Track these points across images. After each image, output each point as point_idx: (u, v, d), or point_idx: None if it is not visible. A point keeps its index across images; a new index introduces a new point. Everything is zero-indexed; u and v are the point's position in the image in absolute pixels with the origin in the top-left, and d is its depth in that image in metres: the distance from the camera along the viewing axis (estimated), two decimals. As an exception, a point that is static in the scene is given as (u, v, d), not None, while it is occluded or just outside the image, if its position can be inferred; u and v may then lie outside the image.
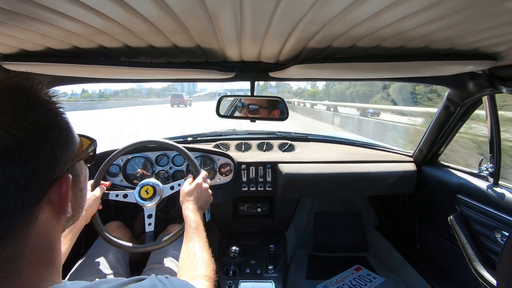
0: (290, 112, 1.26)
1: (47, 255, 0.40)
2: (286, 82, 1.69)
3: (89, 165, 0.49)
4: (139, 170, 1.49)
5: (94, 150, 0.49)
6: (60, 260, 0.42)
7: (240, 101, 1.29)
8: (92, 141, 0.47)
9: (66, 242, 0.93)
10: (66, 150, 0.40)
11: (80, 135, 0.45)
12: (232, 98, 1.32)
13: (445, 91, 1.26)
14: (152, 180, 1.18)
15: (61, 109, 0.40)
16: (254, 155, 1.67)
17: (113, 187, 1.37)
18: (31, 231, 0.37)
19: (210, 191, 1.08)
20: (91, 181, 1.14)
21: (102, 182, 1.16)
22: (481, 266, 1.10)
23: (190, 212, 0.96)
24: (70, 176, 0.40)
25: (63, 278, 0.95)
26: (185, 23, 0.60)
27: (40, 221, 0.37)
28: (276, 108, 1.26)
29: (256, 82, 1.19)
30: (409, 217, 1.74)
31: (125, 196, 1.16)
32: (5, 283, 0.35)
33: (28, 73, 0.38)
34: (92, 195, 1.09)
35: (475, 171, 1.27)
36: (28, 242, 0.37)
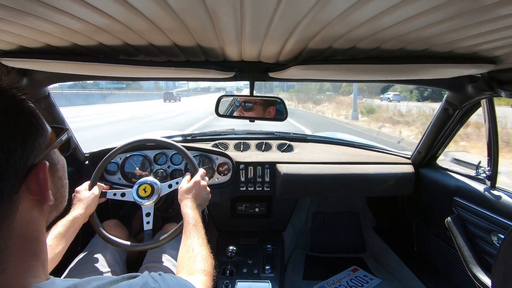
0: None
1: (32, 248, 0.39)
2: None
3: (66, 154, 0.49)
4: (137, 169, 1.49)
5: (69, 139, 0.49)
6: (46, 254, 0.42)
7: (239, 100, 1.29)
8: (65, 130, 0.47)
9: (63, 242, 0.92)
10: (38, 138, 0.39)
11: (51, 126, 0.44)
12: (231, 98, 1.33)
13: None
14: (150, 178, 1.17)
15: (24, 97, 0.40)
16: (252, 155, 1.67)
17: (111, 185, 1.37)
18: (13, 222, 0.36)
19: (208, 188, 1.08)
20: (89, 181, 1.14)
21: (100, 184, 1.15)
22: (477, 268, 1.11)
23: (189, 209, 0.96)
24: (47, 163, 0.40)
25: (60, 275, 0.95)
26: (185, 22, 0.60)
27: (21, 211, 0.37)
28: (275, 108, 1.26)
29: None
30: (406, 219, 1.74)
31: (123, 194, 1.16)
32: None
33: None
34: (91, 193, 1.08)
35: (473, 174, 1.27)
36: (11, 234, 0.36)
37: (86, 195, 1.07)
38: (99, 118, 13.52)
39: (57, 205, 0.45)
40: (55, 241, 0.89)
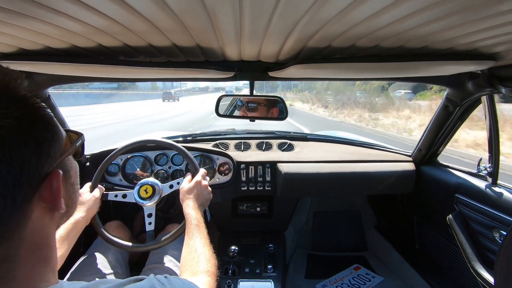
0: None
1: (43, 254, 0.39)
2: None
3: (78, 159, 0.48)
4: (138, 170, 1.49)
5: (82, 144, 0.48)
6: (56, 259, 0.42)
7: (240, 100, 1.29)
8: (79, 135, 0.47)
9: (65, 245, 0.92)
10: (53, 145, 0.39)
11: (66, 130, 0.44)
12: (231, 98, 1.33)
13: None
14: (151, 179, 1.18)
15: (42, 104, 0.39)
16: (253, 155, 1.67)
17: (112, 186, 1.37)
18: (24, 230, 0.36)
19: (209, 188, 1.08)
20: (90, 183, 1.14)
21: (100, 186, 1.15)
22: (479, 265, 1.10)
23: (191, 209, 0.96)
24: (61, 171, 0.39)
25: (63, 277, 0.95)
26: (184, 23, 0.60)
27: (33, 219, 0.37)
28: (275, 108, 1.26)
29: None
30: (408, 217, 1.74)
31: (124, 196, 1.16)
32: (1, 285, 0.34)
33: (4, 68, 0.36)
34: (92, 196, 1.08)
35: (474, 171, 1.27)
36: (23, 241, 0.36)
37: (87, 197, 1.07)
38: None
39: (68, 211, 0.44)
40: (57, 244, 0.89)
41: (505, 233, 1.04)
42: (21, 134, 0.35)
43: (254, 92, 1.21)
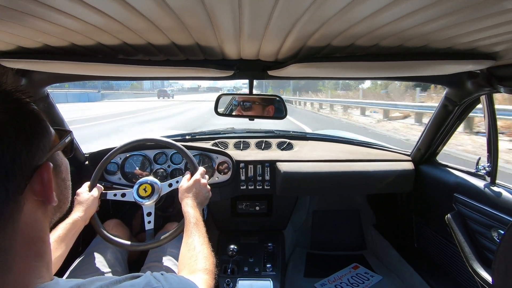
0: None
1: (37, 248, 0.40)
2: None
3: (69, 156, 0.49)
4: (137, 169, 1.49)
5: (72, 141, 0.49)
6: (50, 254, 0.43)
7: (239, 99, 1.29)
8: (68, 132, 0.48)
9: (63, 245, 0.92)
10: (43, 139, 0.40)
11: (54, 128, 0.45)
12: (230, 97, 1.32)
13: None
14: (150, 178, 1.18)
15: (28, 100, 0.40)
16: (252, 154, 1.67)
17: (111, 185, 1.37)
18: (18, 222, 0.37)
19: (208, 186, 1.08)
20: (88, 182, 1.13)
21: (98, 185, 1.14)
22: (477, 264, 1.11)
23: (190, 208, 0.96)
24: (51, 164, 0.41)
25: (61, 276, 0.95)
26: (183, 21, 0.60)
27: (26, 211, 0.38)
28: (271, 106, 1.26)
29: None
30: (407, 216, 1.75)
31: (123, 195, 1.16)
32: None
33: None
34: (90, 195, 1.08)
35: (473, 170, 1.27)
36: (16, 234, 0.37)
37: (86, 197, 1.07)
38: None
39: (61, 207, 0.46)
40: (55, 244, 0.89)
41: (503, 232, 1.04)
42: (12, 127, 0.36)
43: (254, 91, 1.21)
